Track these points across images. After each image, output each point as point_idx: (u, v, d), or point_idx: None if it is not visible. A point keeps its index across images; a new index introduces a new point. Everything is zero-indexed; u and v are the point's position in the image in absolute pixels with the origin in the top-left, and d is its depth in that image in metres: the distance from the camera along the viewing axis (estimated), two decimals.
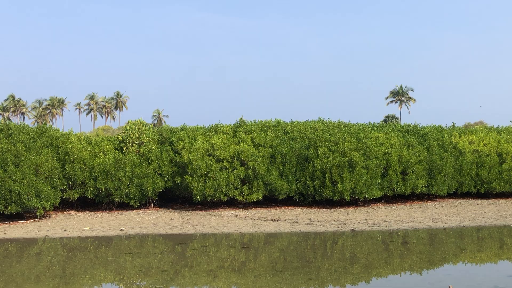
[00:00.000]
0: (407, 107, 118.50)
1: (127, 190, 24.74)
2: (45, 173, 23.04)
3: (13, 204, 21.72)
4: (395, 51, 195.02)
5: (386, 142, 28.05)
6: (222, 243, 18.79)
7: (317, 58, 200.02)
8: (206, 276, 14.28)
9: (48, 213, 24.66)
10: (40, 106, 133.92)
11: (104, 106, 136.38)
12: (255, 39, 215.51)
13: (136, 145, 26.56)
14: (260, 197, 25.71)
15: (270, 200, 27.46)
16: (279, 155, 26.17)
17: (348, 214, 24.92)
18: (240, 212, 25.18)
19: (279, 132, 28.53)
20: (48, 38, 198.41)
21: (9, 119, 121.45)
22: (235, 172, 25.32)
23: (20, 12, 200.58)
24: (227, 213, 25.12)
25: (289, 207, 26.69)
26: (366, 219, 23.20)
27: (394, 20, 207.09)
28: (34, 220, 23.10)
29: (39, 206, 22.38)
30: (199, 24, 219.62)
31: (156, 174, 25.64)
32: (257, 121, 29.51)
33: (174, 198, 28.03)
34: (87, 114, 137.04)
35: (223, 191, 24.99)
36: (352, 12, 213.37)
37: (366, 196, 26.11)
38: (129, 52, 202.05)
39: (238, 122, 28.97)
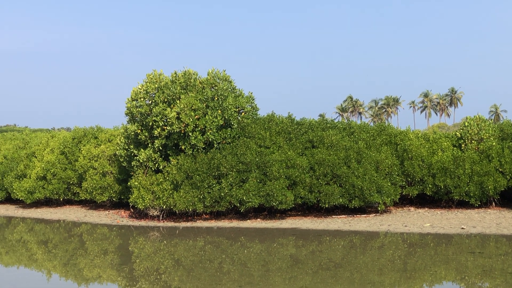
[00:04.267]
0: None
1: (466, 188, 23.98)
2: (385, 169, 23.85)
3: (356, 198, 23.06)
4: None
5: None
6: None
7: None
8: None
9: (388, 208, 25.51)
10: (376, 106, 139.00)
11: (438, 103, 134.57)
12: None
13: (475, 142, 25.57)
14: None
15: None
16: None
17: None
18: None
19: None
20: (384, 41, 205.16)
21: (348, 119, 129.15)
22: None
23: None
24: None
25: None
26: None
27: None
28: (375, 215, 24.14)
29: (380, 201, 23.29)
30: None
31: (498, 172, 24.24)
32: None
33: None
34: (421, 112, 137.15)
35: None
36: None
37: None
38: (462, 46, 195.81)
39: None
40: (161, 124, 23.85)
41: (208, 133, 23.73)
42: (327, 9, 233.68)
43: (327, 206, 23.11)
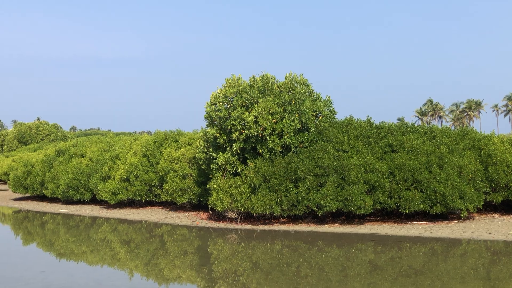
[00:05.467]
0: None
1: None
2: (468, 175, 23.08)
3: (437, 204, 22.42)
4: None
5: None
6: None
7: None
8: None
9: (471, 215, 24.67)
10: (457, 109, 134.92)
11: None
12: None
13: None
14: None
15: None
16: None
17: None
18: None
19: None
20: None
21: (427, 122, 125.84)
22: None
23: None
24: None
25: None
26: None
27: None
28: (458, 221, 23.39)
29: (463, 208, 22.52)
30: None
31: None
32: None
33: None
34: (504, 116, 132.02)
35: None
36: None
37: None
38: None
39: None
40: (239, 128, 24.13)
41: (286, 137, 23.80)
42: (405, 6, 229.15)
43: (407, 212, 22.61)
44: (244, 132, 24.01)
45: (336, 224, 23.66)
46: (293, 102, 24.55)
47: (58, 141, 69.58)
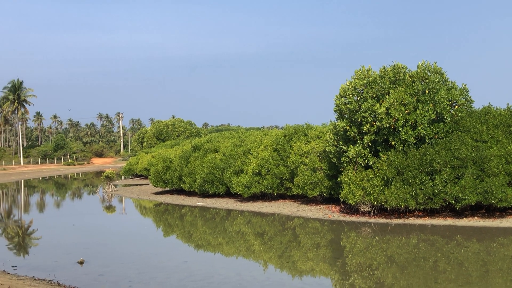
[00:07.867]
0: None
1: None
2: None
3: None
4: None
5: None
6: None
7: None
8: None
9: None
10: None
11: None
12: None
13: None
14: None
15: None
16: None
17: None
18: None
19: None
20: None
21: None
22: None
23: None
24: None
25: None
26: None
27: None
28: None
29: None
30: None
31: None
32: None
33: None
34: None
35: None
36: None
37: None
38: None
39: None
40: (370, 120, 23.74)
41: (419, 128, 23.05)
42: None
43: None
44: (375, 124, 23.58)
45: (476, 218, 22.56)
46: (427, 91, 23.71)
47: (192, 137, 72.55)
